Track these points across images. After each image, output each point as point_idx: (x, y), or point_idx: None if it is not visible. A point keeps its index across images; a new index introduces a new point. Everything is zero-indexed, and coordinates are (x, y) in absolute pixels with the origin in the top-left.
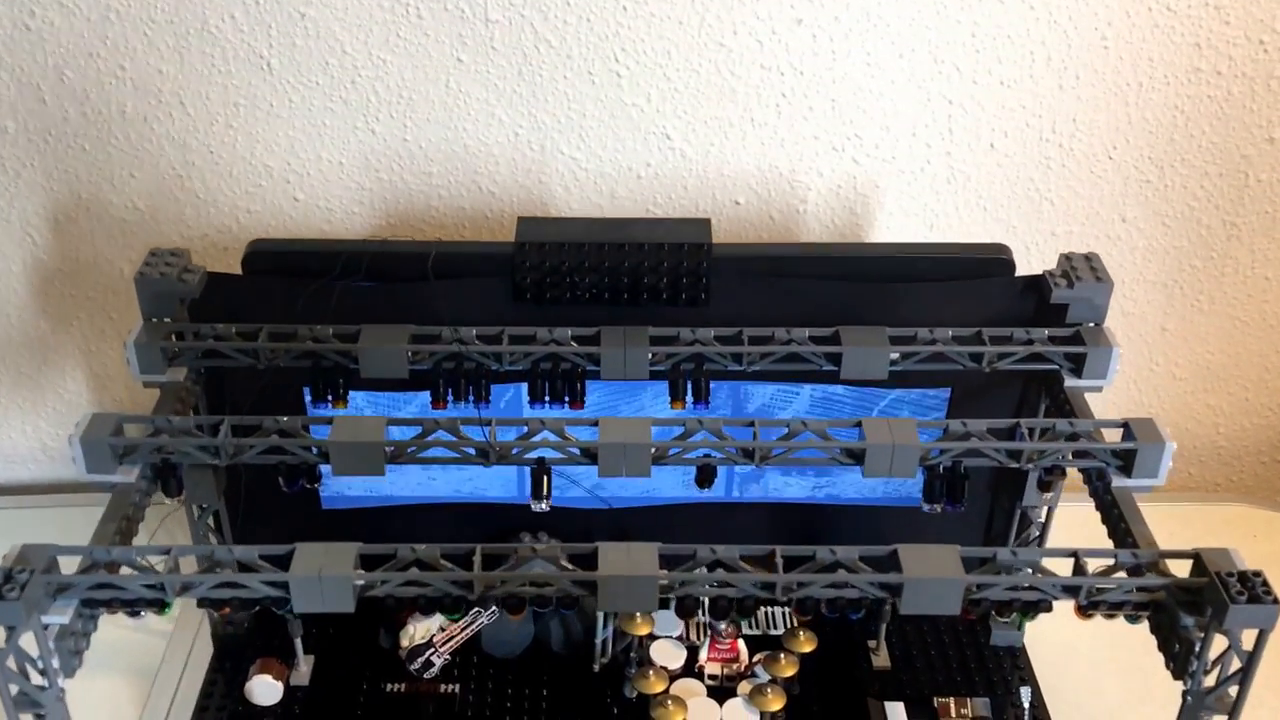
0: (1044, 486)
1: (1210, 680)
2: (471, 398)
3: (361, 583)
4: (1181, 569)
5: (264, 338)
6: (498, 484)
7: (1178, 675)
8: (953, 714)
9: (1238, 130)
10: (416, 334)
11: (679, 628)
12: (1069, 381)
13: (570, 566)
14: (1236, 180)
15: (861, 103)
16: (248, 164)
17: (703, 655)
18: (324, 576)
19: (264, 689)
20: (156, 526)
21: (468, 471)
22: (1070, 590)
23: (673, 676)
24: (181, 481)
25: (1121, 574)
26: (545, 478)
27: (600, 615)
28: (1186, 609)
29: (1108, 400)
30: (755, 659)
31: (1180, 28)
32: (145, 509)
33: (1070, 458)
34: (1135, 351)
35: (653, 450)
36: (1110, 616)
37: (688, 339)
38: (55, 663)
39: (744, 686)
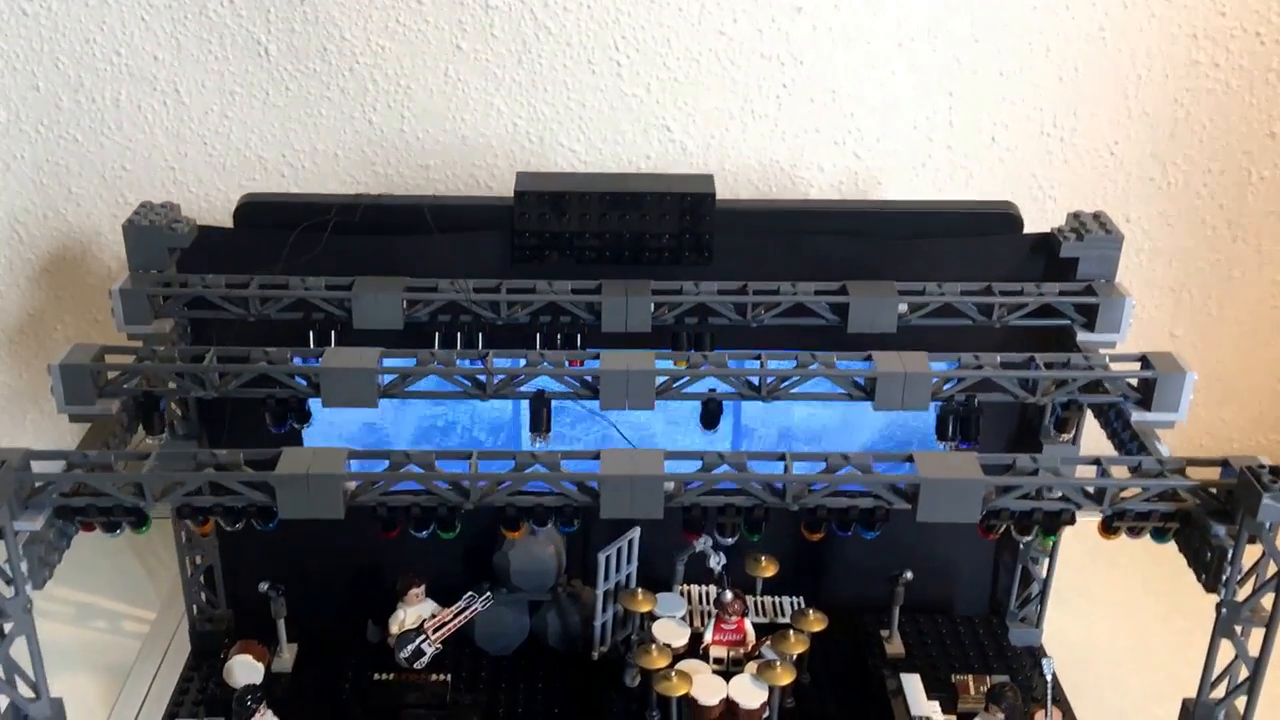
0: (1061, 426)
1: (1244, 592)
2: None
3: (352, 486)
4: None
5: (254, 288)
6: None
7: (1210, 587)
8: (971, 691)
9: (1238, 125)
10: (411, 286)
11: (682, 608)
12: (1081, 336)
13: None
14: (1239, 177)
15: (862, 94)
16: (241, 155)
17: (708, 636)
18: (311, 476)
19: (244, 669)
20: None
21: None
22: (1094, 498)
23: (676, 656)
24: (164, 418)
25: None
26: (545, 410)
27: (599, 597)
28: (1216, 517)
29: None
30: (763, 639)
31: (1177, 18)
32: (124, 445)
33: (1086, 391)
34: None
35: (657, 383)
36: (1136, 533)
37: (691, 292)
38: (24, 567)
39: (751, 666)
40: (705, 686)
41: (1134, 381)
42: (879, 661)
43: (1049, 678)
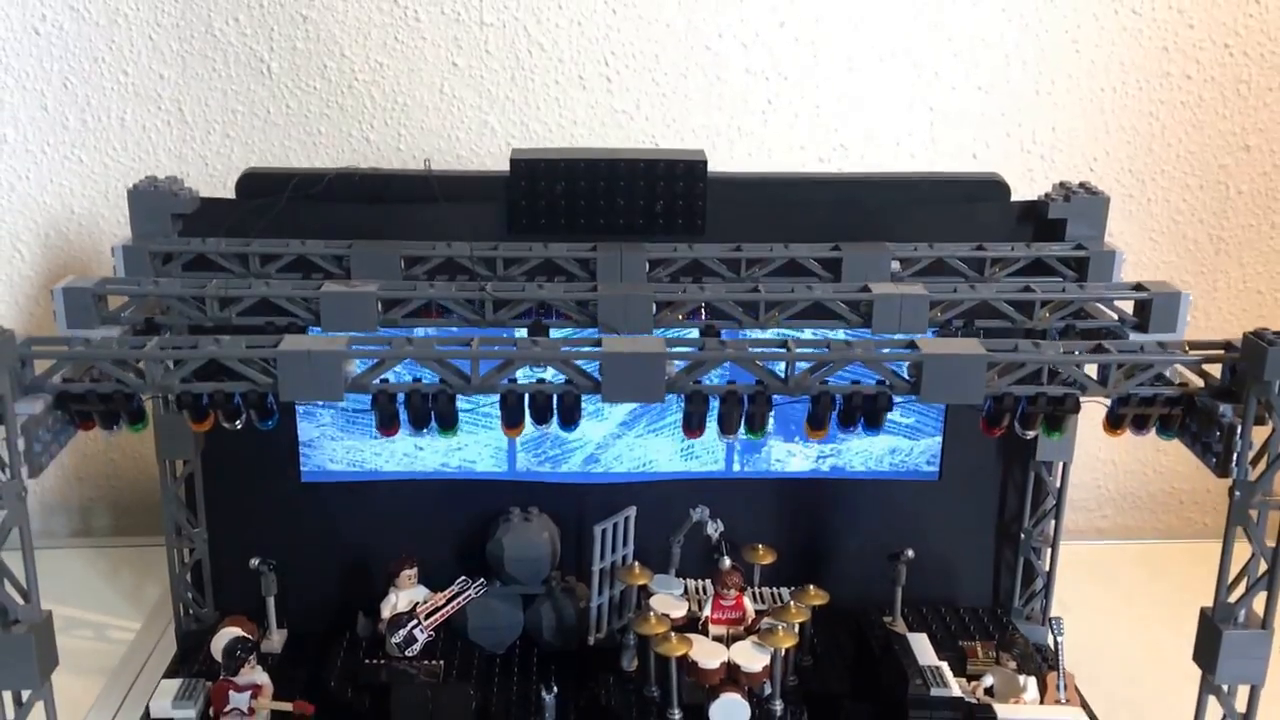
0: None
1: (1258, 471)
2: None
3: (353, 366)
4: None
5: (254, 249)
6: (487, 456)
7: (1221, 471)
8: (980, 655)
9: (1214, 138)
10: (408, 252)
11: (680, 587)
12: None
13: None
14: (1218, 192)
15: (845, 109)
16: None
17: (707, 610)
18: (313, 353)
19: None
20: None
21: (456, 440)
22: (1098, 381)
23: (675, 628)
24: None
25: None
26: (545, 332)
27: (595, 575)
28: (1222, 398)
29: (1106, 441)
30: (763, 611)
31: (1148, 30)
32: None
33: (1083, 316)
34: None
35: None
36: (1141, 427)
37: (685, 253)
38: (20, 444)
39: (752, 637)
40: (705, 650)
41: (1130, 311)
42: (882, 635)
43: (1060, 640)
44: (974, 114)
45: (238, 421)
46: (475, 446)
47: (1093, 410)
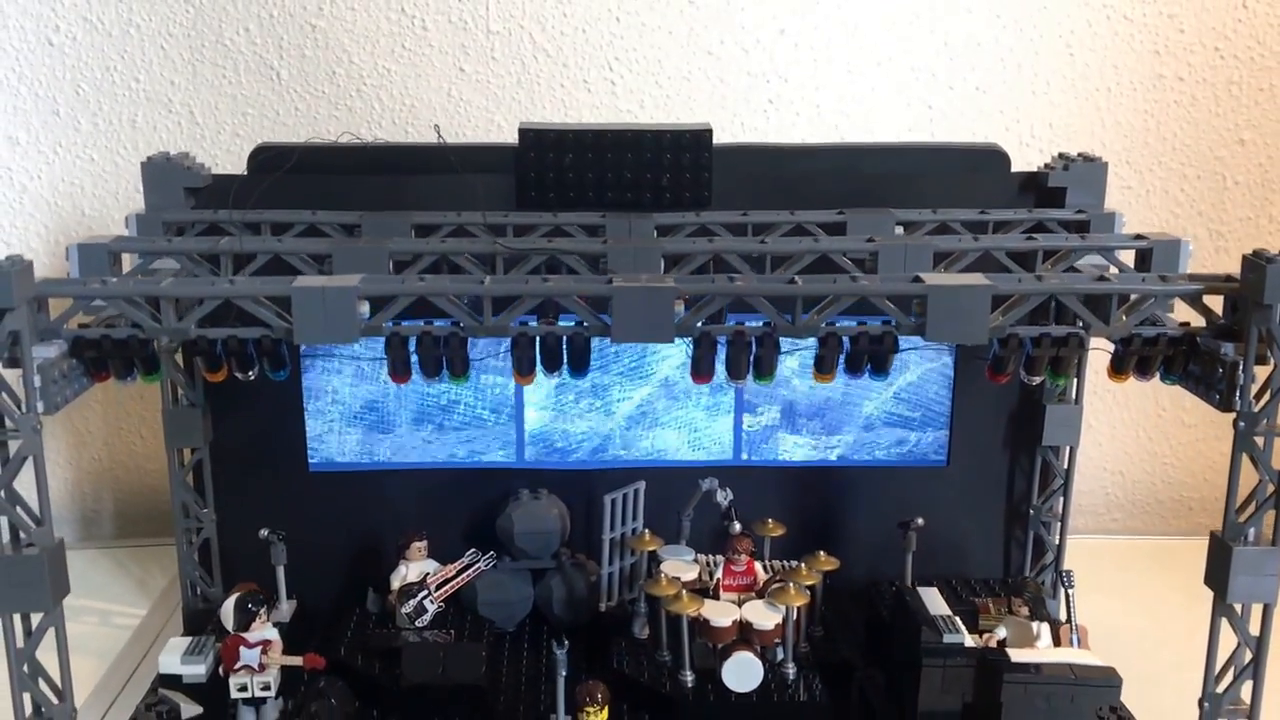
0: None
1: (1261, 404)
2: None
3: (365, 308)
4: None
5: (266, 219)
6: (496, 448)
7: (1225, 406)
8: (991, 611)
9: (1208, 134)
10: (419, 222)
11: (691, 555)
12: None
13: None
14: (1215, 183)
15: (845, 109)
16: None
17: (718, 574)
18: (327, 290)
19: None
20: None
21: (465, 433)
22: (1101, 316)
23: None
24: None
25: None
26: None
27: (605, 544)
28: (1223, 336)
29: (1112, 449)
30: (774, 574)
31: (1139, 35)
32: None
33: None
34: (1139, 393)
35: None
36: (1145, 371)
37: (692, 221)
38: (36, 381)
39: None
40: (717, 608)
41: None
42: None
43: (1071, 591)
44: (971, 113)
45: (251, 372)
46: (485, 439)
47: (1098, 414)
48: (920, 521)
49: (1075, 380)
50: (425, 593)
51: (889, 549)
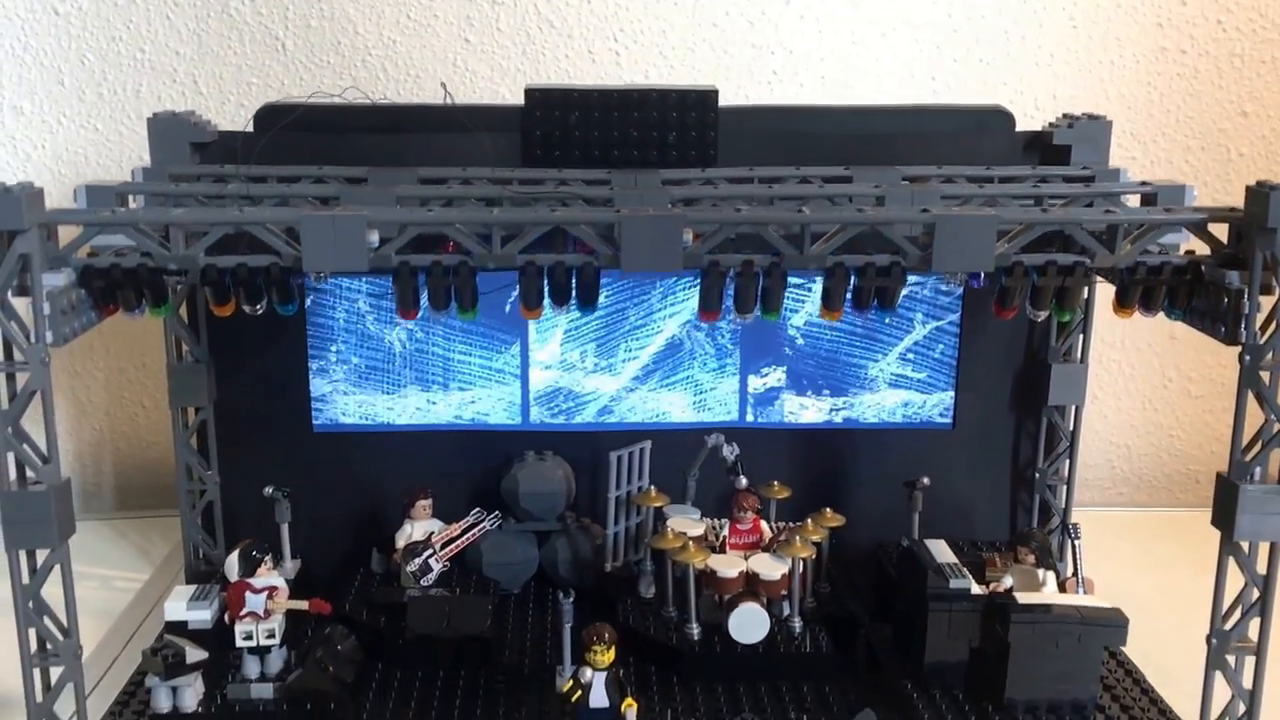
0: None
1: (1266, 335)
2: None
3: (375, 237)
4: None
5: (273, 173)
6: (500, 410)
7: (1230, 337)
8: (998, 565)
9: (1211, 106)
10: (425, 176)
11: (696, 514)
12: None
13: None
14: (1219, 155)
15: (850, 79)
16: None
17: (724, 532)
18: (336, 218)
19: None
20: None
21: (470, 394)
22: (1106, 244)
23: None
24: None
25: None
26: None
27: (611, 502)
28: (1228, 265)
29: (1118, 420)
30: (780, 530)
31: (1142, 8)
32: None
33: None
34: (1145, 365)
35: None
36: (1149, 304)
37: (698, 178)
38: (46, 308)
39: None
40: (724, 560)
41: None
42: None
43: (1078, 543)
44: (975, 84)
45: (259, 305)
46: (489, 400)
47: (1103, 385)
48: (926, 481)
49: (1082, 338)
50: (430, 551)
51: (895, 513)
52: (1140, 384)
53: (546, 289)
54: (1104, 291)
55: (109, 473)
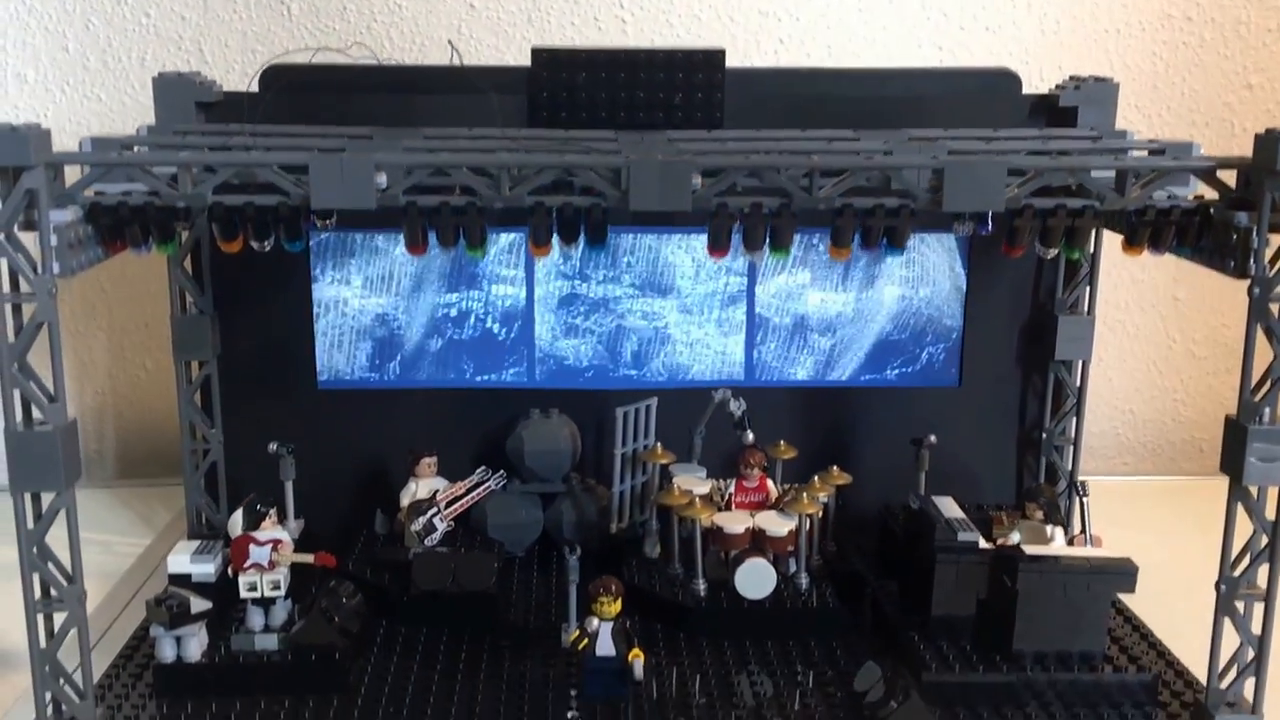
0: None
1: (1276, 268)
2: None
3: (383, 178)
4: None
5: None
6: (506, 366)
7: (1240, 272)
8: (1005, 523)
9: (1216, 77)
10: (432, 135)
11: (702, 472)
12: None
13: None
14: (1223, 130)
15: (856, 48)
16: None
17: (730, 490)
18: (345, 159)
19: None
20: None
21: (476, 350)
22: (1117, 188)
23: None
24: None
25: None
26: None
27: (617, 459)
28: (1237, 207)
29: (1123, 384)
30: (786, 490)
31: None
32: None
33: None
34: (1150, 326)
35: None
36: (1158, 243)
37: (704, 138)
38: (53, 240)
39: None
40: (730, 517)
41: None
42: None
43: (1086, 500)
44: (981, 53)
45: (267, 241)
46: (495, 357)
47: (1108, 346)
48: (933, 439)
49: (1088, 290)
50: (435, 510)
51: (900, 475)
52: (1145, 345)
53: (555, 228)
54: (1110, 244)
55: (111, 439)
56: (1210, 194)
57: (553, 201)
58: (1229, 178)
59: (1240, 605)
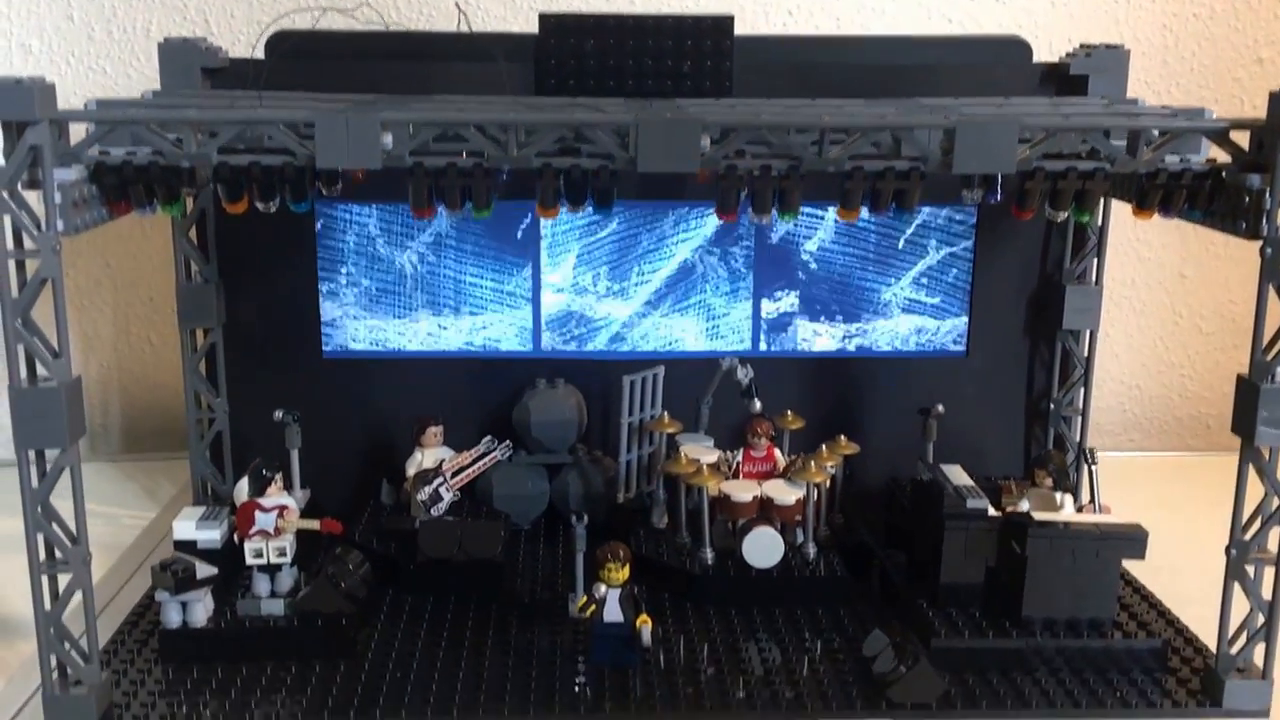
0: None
1: None
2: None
3: (389, 139)
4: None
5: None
6: (512, 335)
7: (1252, 233)
8: (1014, 492)
9: (1226, 51)
10: (438, 100)
11: (709, 441)
12: None
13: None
14: (1233, 107)
15: (864, 20)
16: None
17: (738, 459)
18: (351, 117)
19: None
20: None
21: (481, 319)
22: (1128, 150)
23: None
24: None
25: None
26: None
27: (624, 428)
28: (1249, 169)
29: (1129, 360)
30: (793, 459)
31: None
32: None
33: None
34: (1156, 302)
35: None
36: (1169, 206)
37: (712, 105)
38: (57, 197)
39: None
40: (738, 485)
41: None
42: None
43: (1095, 468)
44: (990, 25)
45: (272, 202)
46: (500, 326)
47: (1114, 322)
48: (941, 409)
49: (1096, 260)
50: (441, 480)
51: (908, 446)
52: (1151, 319)
53: (563, 188)
54: (1118, 218)
55: (116, 413)
56: (1221, 159)
57: (561, 164)
58: (1241, 140)
59: (1250, 570)
